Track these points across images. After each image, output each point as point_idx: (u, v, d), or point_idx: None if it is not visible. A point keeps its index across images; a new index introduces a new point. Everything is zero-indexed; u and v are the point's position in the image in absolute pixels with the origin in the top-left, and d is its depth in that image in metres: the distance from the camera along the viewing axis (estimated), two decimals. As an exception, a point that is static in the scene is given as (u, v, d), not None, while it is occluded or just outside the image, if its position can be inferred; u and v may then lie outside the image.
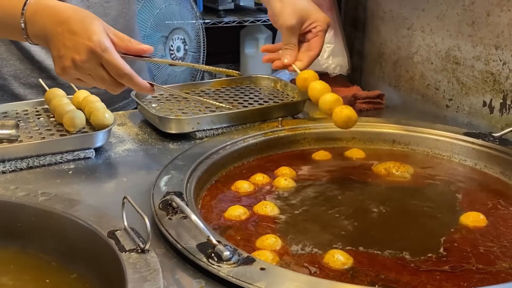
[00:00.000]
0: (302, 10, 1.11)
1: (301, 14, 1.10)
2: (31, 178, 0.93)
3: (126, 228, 0.69)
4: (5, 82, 1.21)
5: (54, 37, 0.89)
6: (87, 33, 0.87)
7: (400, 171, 0.98)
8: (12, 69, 1.22)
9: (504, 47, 1.11)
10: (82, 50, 0.86)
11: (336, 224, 0.83)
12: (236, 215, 0.83)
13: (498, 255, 0.75)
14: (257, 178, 0.95)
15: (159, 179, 0.87)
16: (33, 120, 1.09)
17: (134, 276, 0.61)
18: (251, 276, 0.63)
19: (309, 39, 1.12)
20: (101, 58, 0.87)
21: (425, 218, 0.85)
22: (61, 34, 0.88)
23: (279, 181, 0.94)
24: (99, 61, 0.87)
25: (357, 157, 1.06)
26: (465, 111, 1.22)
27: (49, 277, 0.72)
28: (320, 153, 1.06)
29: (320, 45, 1.11)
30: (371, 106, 1.28)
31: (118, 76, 0.88)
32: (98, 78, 0.89)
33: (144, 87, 0.91)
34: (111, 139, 1.07)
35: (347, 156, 1.07)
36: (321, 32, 1.11)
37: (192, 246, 0.69)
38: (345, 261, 0.72)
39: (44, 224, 0.76)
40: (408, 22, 1.33)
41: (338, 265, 0.72)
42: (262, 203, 0.87)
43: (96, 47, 0.86)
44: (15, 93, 1.23)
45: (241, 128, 1.11)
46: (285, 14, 1.10)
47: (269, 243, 0.76)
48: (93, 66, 0.88)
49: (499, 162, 0.99)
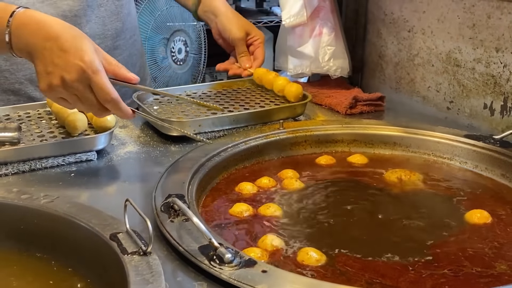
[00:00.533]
0: (245, 25, 1.32)
1: (245, 28, 1.31)
2: (34, 181, 0.93)
3: (128, 231, 0.69)
4: (21, 86, 1.22)
5: (40, 52, 0.87)
6: (79, 53, 0.85)
7: (411, 179, 0.98)
8: (28, 73, 1.23)
9: (504, 50, 1.11)
10: (72, 69, 0.84)
11: (346, 230, 0.83)
12: (239, 211, 0.84)
13: (492, 257, 0.76)
14: (263, 181, 0.95)
15: (161, 181, 0.87)
16: (35, 122, 1.09)
17: (136, 278, 0.61)
18: (252, 279, 0.63)
19: (252, 51, 1.32)
20: (91, 80, 0.85)
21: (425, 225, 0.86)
22: (50, 50, 0.86)
23: (290, 182, 0.95)
24: (88, 83, 0.85)
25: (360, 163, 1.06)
26: (466, 114, 1.22)
27: (51, 279, 0.73)
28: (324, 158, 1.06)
29: (263, 54, 1.32)
30: (372, 108, 1.28)
31: (105, 101, 0.86)
32: (84, 100, 0.87)
33: (126, 113, 0.89)
34: (113, 141, 1.08)
35: (350, 162, 1.07)
36: (261, 44, 1.33)
37: (194, 249, 0.69)
38: (319, 257, 0.73)
39: (47, 226, 0.76)
40: (409, 25, 1.34)
41: (313, 262, 0.72)
42: (266, 204, 0.87)
43: (87, 68, 0.84)
44: (31, 96, 1.23)
45: (242, 130, 1.11)
46: (234, 28, 1.30)
47: (266, 243, 0.76)
48: (82, 87, 0.85)
49: (499, 164, 0.99)
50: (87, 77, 0.84)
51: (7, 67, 1.22)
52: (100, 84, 0.85)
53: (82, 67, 0.84)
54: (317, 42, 1.38)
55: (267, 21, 3.13)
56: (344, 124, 1.14)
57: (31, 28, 0.88)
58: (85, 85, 0.85)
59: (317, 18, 1.38)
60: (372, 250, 0.77)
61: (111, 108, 0.88)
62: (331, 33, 1.38)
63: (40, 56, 0.87)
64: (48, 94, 0.89)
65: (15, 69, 1.22)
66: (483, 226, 0.83)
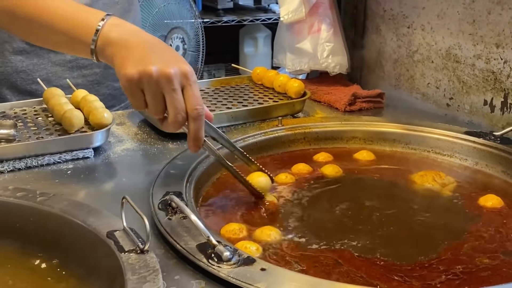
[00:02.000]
0: None
1: None
2: (30, 178, 0.92)
3: (125, 229, 0.68)
4: (38, 87, 1.21)
5: (138, 47, 0.81)
6: (182, 59, 0.81)
7: (442, 181, 0.96)
8: (44, 73, 1.23)
9: (505, 46, 1.11)
10: (174, 65, 0.79)
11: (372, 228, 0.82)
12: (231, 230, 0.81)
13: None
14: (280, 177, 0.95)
15: (158, 179, 0.86)
16: (32, 120, 1.08)
17: (133, 277, 0.60)
18: (251, 277, 0.62)
19: None
20: (190, 86, 0.79)
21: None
22: (151, 48, 0.81)
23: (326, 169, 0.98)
24: (184, 86, 0.79)
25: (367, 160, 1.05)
26: (466, 110, 1.22)
27: (47, 277, 0.72)
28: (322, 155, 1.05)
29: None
30: (371, 105, 1.28)
31: (195, 112, 0.79)
32: (171, 102, 0.79)
33: (200, 137, 0.82)
34: (110, 138, 1.07)
35: (356, 158, 1.05)
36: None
37: (192, 247, 0.68)
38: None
39: (43, 224, 0.75)
40: (408, 21, 1.33)
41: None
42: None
43: (191, 74, 0.80)
44: None
45: (240, 127, 1.11)
46: None
47: (266, 233, 0.77)
48: (176, 86, 0.79)
49: (500, 161, 0.99)
50: (188, 81, 0.79)
51: (23, 68, 1.22)
52: (198, 95, 0.80)
53: (185, 70, 0.79)
54: (315, 38, 1.37)
55: (265, 19, 3.12)
56: (343, 121, 1.13)
57: (128, 30, 0.84)
58: (179, 86, 0.79)
59: (316, 15, 1.37)
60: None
61: (195, 121, 0.80)
62: (329, 29, 1.37)
63: (135, 50, 0.80)
64: (130, 82, 0.79)
65: (31, 70, 1.23)
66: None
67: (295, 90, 1.20)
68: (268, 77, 1.27)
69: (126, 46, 0.82)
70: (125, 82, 0.79)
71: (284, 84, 1.22)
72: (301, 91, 1.21)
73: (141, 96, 0.80)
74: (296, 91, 1.20)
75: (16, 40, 1.21)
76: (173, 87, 0.78)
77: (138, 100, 0.80)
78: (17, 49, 1.21)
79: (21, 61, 1.22)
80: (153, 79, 0.78)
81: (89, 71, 1.28)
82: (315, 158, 1.05)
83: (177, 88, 0.79)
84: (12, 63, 1.22)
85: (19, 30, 0.97)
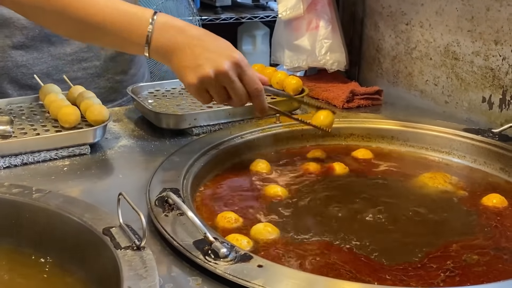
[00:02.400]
0: None
1: None
2: (26, 175, 0.92)
3: (122, 225, 0.68)
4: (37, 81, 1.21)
5: (189, 49, 0.88)
6: (230, 48, 0.90)
7: (450, 181, 0.95)
8: (44, 67, 1.23)
9: (503, 42, 1.10)
10: (227, 61, 0.87)
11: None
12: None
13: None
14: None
15: (155, 175, 0.86)
16: (28, 116, 1.08)
17: (129, 273, 0.60)
18: (248, 273, 0.62)
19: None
20: (245, 72, 0.89)
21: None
22: (199, 46, 0.88)
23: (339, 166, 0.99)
24: (239, 73, 0.89)
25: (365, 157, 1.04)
26: (464, 107, 1.21)
27: (43, 274, 0.71)
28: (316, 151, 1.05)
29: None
30: (369, 102, 1.27)
31: (255, 93, 0.91)
32: (234, 90, 0.90)
33: (266, 106, 0.94)
34: (107, 135, 1.06)
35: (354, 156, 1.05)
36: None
37: (189, 243, 0.68)
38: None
39: (39, 221, 0.75)
40: (406, 18, 1.32)
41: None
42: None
43: (241, 61, 0.89)
44: None
45: (238, 124, 1.10)
46: None
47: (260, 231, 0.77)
48: (234, 77, 0.89)
49: (498, 158, 0.99)
50: (242, 68, 0.89)
51: (24, 63, 1.22)
52: (254, 75, 0.90)
53: (237, 58, 0.88)
54: (313, 35, 1.37)
55: (263, 16, 3.11)
56: (341, 118, 1.13)
57: (176, 29, 0.90)
58: (236, 76, 0.89)
59: (314, 11, 1.37)
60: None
61: (257, 99, 0.92)
62: (328, 26, 1.36)
63: (186, 52, 0.88)
64: (195, 88, 0.89)
65: (31, 64, 1.22)
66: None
67: (293, 87, 1.20)
68: (266, 74, 1.26)
69: (176, 50, 0.89)
70: (190, 89, 0.91)
71: (282, 81, 1.22)
72: (299, 88, 1.20)
73: (207, 94, 0.91)
74: (294, 88, 1.20)
75: (16, 34, 1.20)
76: (231, 79, 0.88)
77: (204, 98, 0.91)
78: (17, 43, 1.21)
79: (21, 56, 1.21)
80: (213, 80, 0.88)
81: (89, 63, 1.27)
82: (309, 155, 1.04)
83: (235, 79, 0.89)
84: (12, 57, 1.21)
85: (69, 31, 0.97)
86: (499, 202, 0.87)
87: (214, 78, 0.88)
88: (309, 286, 0.61)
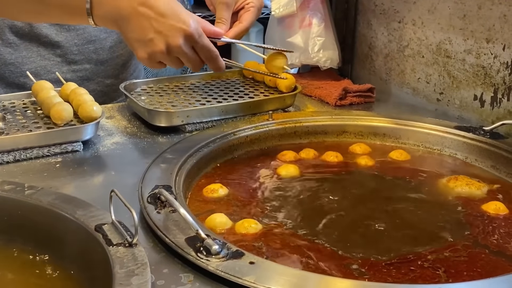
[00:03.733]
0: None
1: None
2: (18, 171, 0.92)
3: (114, 222, 0.68)
4: (26, 80, 1.20)
5: (135, 18, 0.83)
6: (180, 16, 0.84)
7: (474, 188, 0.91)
8: (33, 66, 1.22)
9: (495, 41, 1.11)
10: (177, 34, 0.84)
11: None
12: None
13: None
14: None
15: (148, 172, 0.86)
16: (20, 112, 1.08)
17: (121, 270, 0.60)
18: (240, 270, 0.62)
19: (241, 15, 1.12)
20: (197, 43, 0.87)
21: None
22: (146, 16, 0.83)
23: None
24: (193, 45, 0.87)
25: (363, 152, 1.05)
26: (456, 105, 1.22)
27: (35, 270, 0.71)
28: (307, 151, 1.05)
29: (251, 19, 1.11)
30: (361, 99, 1.28)
31: (209, 58, 0.90)
32: (188, 60, 0.89)
33: (222, 65, 0.93)
34: (99, 132, 1.06)
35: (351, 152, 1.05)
36: (254, 8, 1.11)
37: (181, 240, 0.68)
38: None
39: (31, 218, 0.75)
40: (399, 15, 1.33)
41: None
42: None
43: (194, 32, 0.85)
44: None
45: (231, 121, 1.10)
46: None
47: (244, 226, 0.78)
48: (187, 49, 0.86)
49: (490, 155, 0.99)
50: (194, 40, 0.86)
51: (12, 61, 1.22)
52: (207, 45, 0.88)
53: (188, 31, 0.84)
54: (306, 33, 1.37)
55: (257, 13, 3.10)
56: (334, 116, 1.13)
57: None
58: (190, 47, 0.87)
59: (307, 9, 1.37)
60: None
61: (212, 63, 0.92)
62: (321, 23, 1.36)
63: (135, 23, 0.84)
64: (147, 61, 0.88)
65: (20, 63, 1.22)
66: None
67: (286, 84, 1.20)
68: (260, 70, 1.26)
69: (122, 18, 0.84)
70: (142, 62, 0.89)
71: (274, 79, 1.22)
72: (292, 85, 1.20)
73: (160, 64, 0.89)
74: (287, 85, 1.20)
75: (5, 32, 1.20)
76: (184, 52, 0.86)
77: (158, 67, 0.90)
78: (6, 41, 1.20)
79: (10, 54, 1.21)
80: (165, 55, 0.85)
81: (79, 66, 1.27)
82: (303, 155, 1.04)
83: (188, 51, 0.87)
84: (1, 55, 1.21)
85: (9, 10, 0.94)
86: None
87: (167, 53, 0.85)
88: (301, 283, 0.62)
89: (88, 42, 1.27)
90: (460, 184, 0.91)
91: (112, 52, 1.32)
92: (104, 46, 1.30)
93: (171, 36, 0.83)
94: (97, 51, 1.29)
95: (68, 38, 1.25)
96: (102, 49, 1.30)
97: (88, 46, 1.27)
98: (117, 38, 1.31)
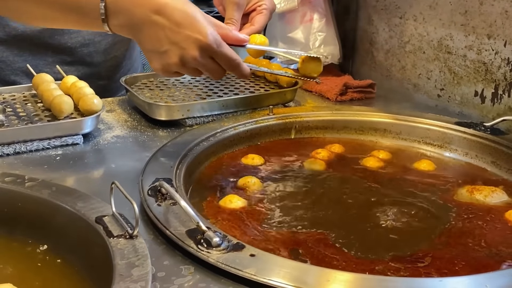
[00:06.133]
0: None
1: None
2: (18, 164, 0.91)
3: (114, 214, 0.68)
4: (17, 78, 1.20)
5: (149, 28, 0.78)
6: (197, 26, 0.79)
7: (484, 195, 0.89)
8: (24, 65, 1.20)
9: (496, 37, 1.11)
10: (193, 45, 0.78)
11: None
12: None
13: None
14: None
15: (148, 165, 0.85)
16: (21, 105, 1.07)
17: (122, 262, 0.60)
18: (240, 262, 0.62)
19: (252, 17, 1.07)
20: (215, 53, 0.81)
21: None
22: (160, 25, 0.78)
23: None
24: (211, 55, 0.81)
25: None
26: (457, 101, 1.22)
27: (37, 263, 0.71)
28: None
29: (263, 21, 1.05)
30: (362, 95, 1.28)
31: (231, 67, 0.84)
32: (208, 70, 0.84)
33: (247, 73, 0.87)
34: (100, 125, 1.06)
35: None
36: (266, 11, 1.06)
37: (181, 232, 0.68)
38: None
39: (31, 210, 0.75)
40: (400, 11, 1.33)
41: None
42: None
43: (211, 42, 0.79)
44: None
45: (231, 116, 1.10)
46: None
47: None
48: (205, 61, 0.81)
49: (490, 151, 0.99)
50: (212, 51, 0.81)
51: (3, 59, 1.21)
52: (226, 54, 0.82)
53: (204, 42, 0.79)
54: (307, 28, 1.37)
55: (258, 9, 3.10)
56: (334, 111, 1.13)
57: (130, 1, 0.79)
58: (208, 58, 0.82)
59: (308, 4, 1.37)
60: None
61: (235, 71, 0.86)
62: (322, 19, 1.36)
63: (149, 33, 0.79)
64: (162, 72, 0.84)
65: (11, 61, 1.21)
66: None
67: (286, 79, 1.20)
68: (260, 66, 1.26)
69: (136, 28, 0.80)
70: (156, 72, 0.86)
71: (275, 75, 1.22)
72: (293, 80, 1.20)
73: (176, 74, 0.85)
74: (288, 80, 1.20)
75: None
76: (201, 63, 0.81)
77: (174, 77, 0.89)
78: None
79: (1, 51, 1.20)
80: (181, 66, 0.81)
81: (71, 68, 1.25)
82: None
83: (205, 61, 0.81)
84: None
85: (25, 14, 0.89)
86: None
87: (182, 64, 0.81)
88: (301, 275, 0.62)
89: (82, 45, 1.25)
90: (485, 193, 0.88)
91: (107, 54, 1.30)
92: (98, 49, 1.27)
93: (186, 48, 0.79)
94: (91, 54, 1.26)
95: (62, 41, 1.22)
96: (96, 52, 1.27)
97: (82, 49, 1.25)
98: (112, 41, 1.28)
